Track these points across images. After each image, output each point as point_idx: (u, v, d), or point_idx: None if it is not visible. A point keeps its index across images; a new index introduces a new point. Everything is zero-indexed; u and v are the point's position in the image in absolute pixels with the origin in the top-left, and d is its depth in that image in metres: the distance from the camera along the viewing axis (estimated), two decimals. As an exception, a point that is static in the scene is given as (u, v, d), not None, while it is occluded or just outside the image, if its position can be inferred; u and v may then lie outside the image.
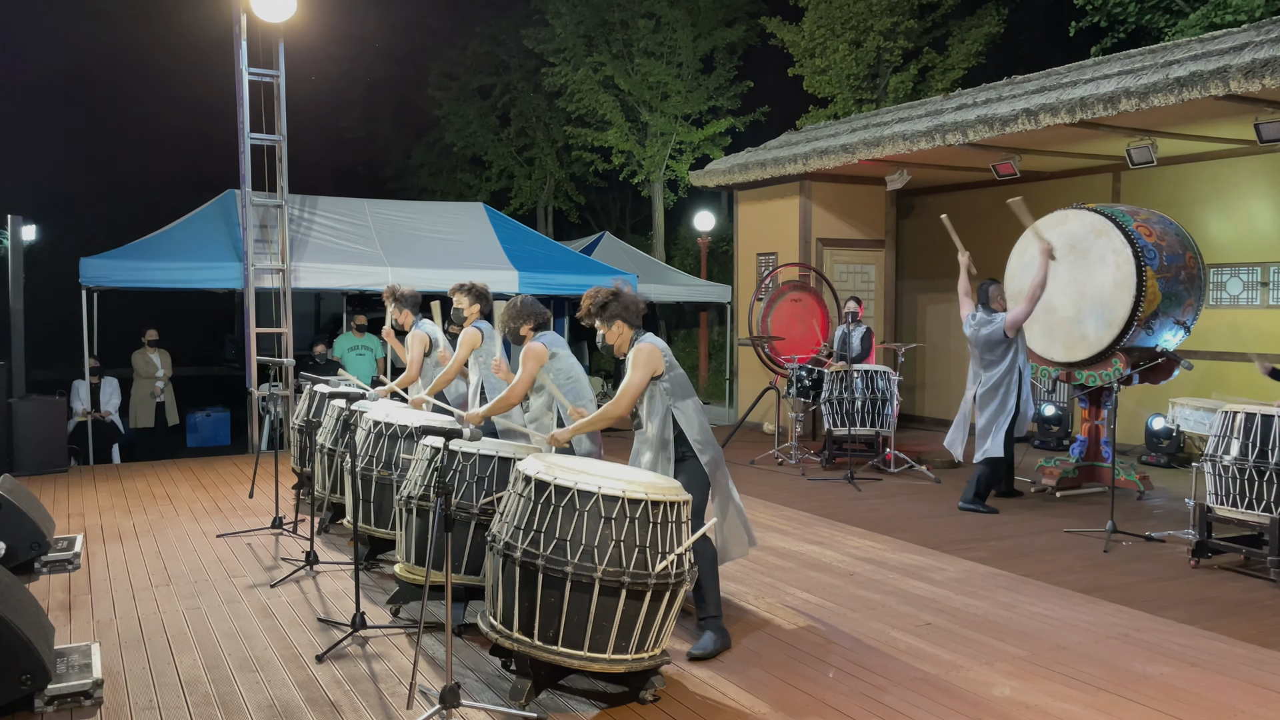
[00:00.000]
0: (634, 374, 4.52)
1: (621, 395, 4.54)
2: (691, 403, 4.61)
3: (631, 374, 4.52)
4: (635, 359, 4.54)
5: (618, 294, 4.65)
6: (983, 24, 15.36)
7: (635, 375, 4.52)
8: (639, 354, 4.54)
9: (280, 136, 10.80)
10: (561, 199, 24.10)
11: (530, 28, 20.76)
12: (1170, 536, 6.61)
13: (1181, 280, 7.77)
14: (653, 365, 4.53)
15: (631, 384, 4.52)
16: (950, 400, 12.54)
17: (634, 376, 4.52)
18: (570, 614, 3.77)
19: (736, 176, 11.72)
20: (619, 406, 4.56)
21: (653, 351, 4.54)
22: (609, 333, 4.65)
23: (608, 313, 4.62)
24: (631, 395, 4.53)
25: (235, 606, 5.17)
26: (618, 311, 4.61)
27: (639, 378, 4.52)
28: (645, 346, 4.55)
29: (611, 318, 4.62)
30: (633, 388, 4.53)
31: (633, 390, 4.53)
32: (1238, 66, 6.66)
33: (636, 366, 4.52)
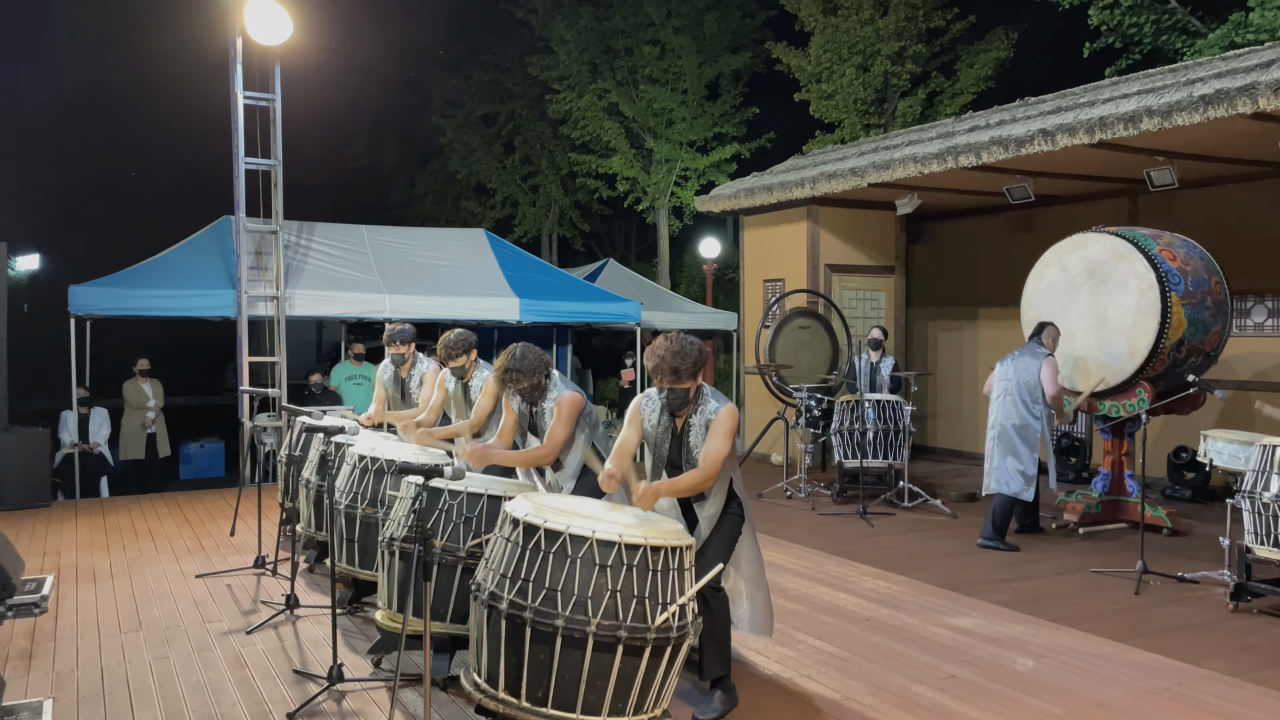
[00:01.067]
0: (725, 442, 4.01)
1: (711, 465, 4.00)
2: (737, 462, 4.28)
3: (723, 442, 4.01)
4: (722, 424, 4.02)
5: (703, 350, 4.07)
6: (992, 49, 15.13)
7: (725, 444, 4.01)
8: (730, 418, 4.04)
9: (276, 161, 10.55)
10: (566, 226, 23.89)
11: (535, 55, 20.64)
12: (1204, 578, 6.24)
13: (1208, 306, 7.44)
14: (733, 428, 4.08)
15: (722, 453, 4.02)
16: (963, 430, 12.18)
17: (725, 446, 4.01)
18: (561, 672, 3.42)
19: (743, 201, 11.44)
20: (707, 476, 4.01)
21: (734, 413, 4.09)
22: (693, 386, 4.07)
23: (693, 368, 4.01)
24: (719, 464, 4.01)
25: (207, 656, 4.82)
26: (702, 363, 4.04)
27: (727, 447, 4.03)
28: (730, 408, 4.07)
29: (697, 370, 4.03)
30: (722, 456, 4.02)
31: (720, 459, 4.01)
32: (1267, 83, 6.36)
33: (726, 434, 4.02)
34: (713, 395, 4.12)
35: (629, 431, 4.21)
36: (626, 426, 4.23)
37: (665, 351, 4.01)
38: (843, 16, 15.06)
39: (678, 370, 3.98)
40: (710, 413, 4.06)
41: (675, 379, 4.00)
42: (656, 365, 4.02)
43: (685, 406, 4.10)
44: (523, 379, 4.67)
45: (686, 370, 3.99)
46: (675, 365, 3.97)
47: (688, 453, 4.09)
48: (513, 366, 4.66)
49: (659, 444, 4.18)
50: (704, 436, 4.05)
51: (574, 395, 4.75)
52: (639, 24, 18.86)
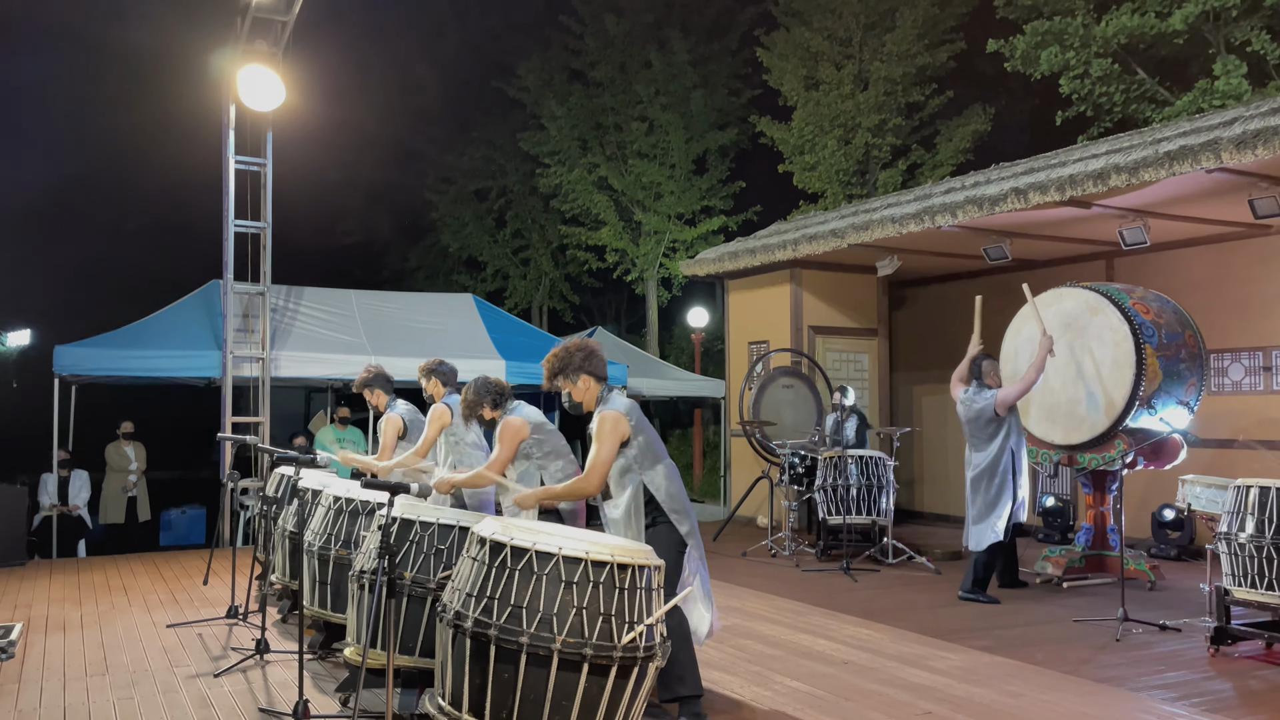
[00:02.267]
0: (601, 447, 4.15)
1: (591, 472, 4.18)
2: (663, 468, 4.28)
3: (599, 447, 4.16)
4: (600, 429, 4.19)
5: (579, 345, 4.34)
6: (969, 122, 15.54)
7: (604, 449, 4.15)
8: (604, 423, 4.19)
9: (265, 224, 10.70)
10: (556, 299, 24.13)
11: (526, 131, 21.10)
12: (1186, 625, 6.18)
13: (1183, 359, 7.52)
14: (620, 433, 4.19)
15: (600, 459, 4.15)
16: (950, 494, 12.14)
17: (602, 450, 4.15)
18: (525, 691, 3.37)
19: (727, 264, 11.60)
20: (589, 484, 4.19)
21: (618, 419, 4.19)
22: (575, 389, 4.32)
23: (572, 366, 4.29)
24: (601, 471, 4.17)
25: (172, 697, 4.74)
26: (580, 363, 4.28)
27: (607, 451, 4.15)
28: (609, 414, 4.19)
29: (576, 371, 4.28)
30: (602, 463, 4.16)
31: (602, 465, 4.16)
32: (1229, 138, 6.55)
33: (603, 438, 4.17)
34: (608, 402, 4.25)
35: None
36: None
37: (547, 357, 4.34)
38: (824, 91, 15.49)
39: (550, 374, 4.29)
40: (598, 419, 4.19)
41: (550, 382, 4.30)
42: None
43: (580, 409, 4.32)
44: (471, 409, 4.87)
45: (559, 370, 4.26)
46: (549, 368, 4.30)
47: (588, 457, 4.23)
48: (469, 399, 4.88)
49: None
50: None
51: (515, 420, 4.87)
52: (628, 101, 19.35)
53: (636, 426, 4.25)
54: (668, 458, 4.37)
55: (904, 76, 15.26)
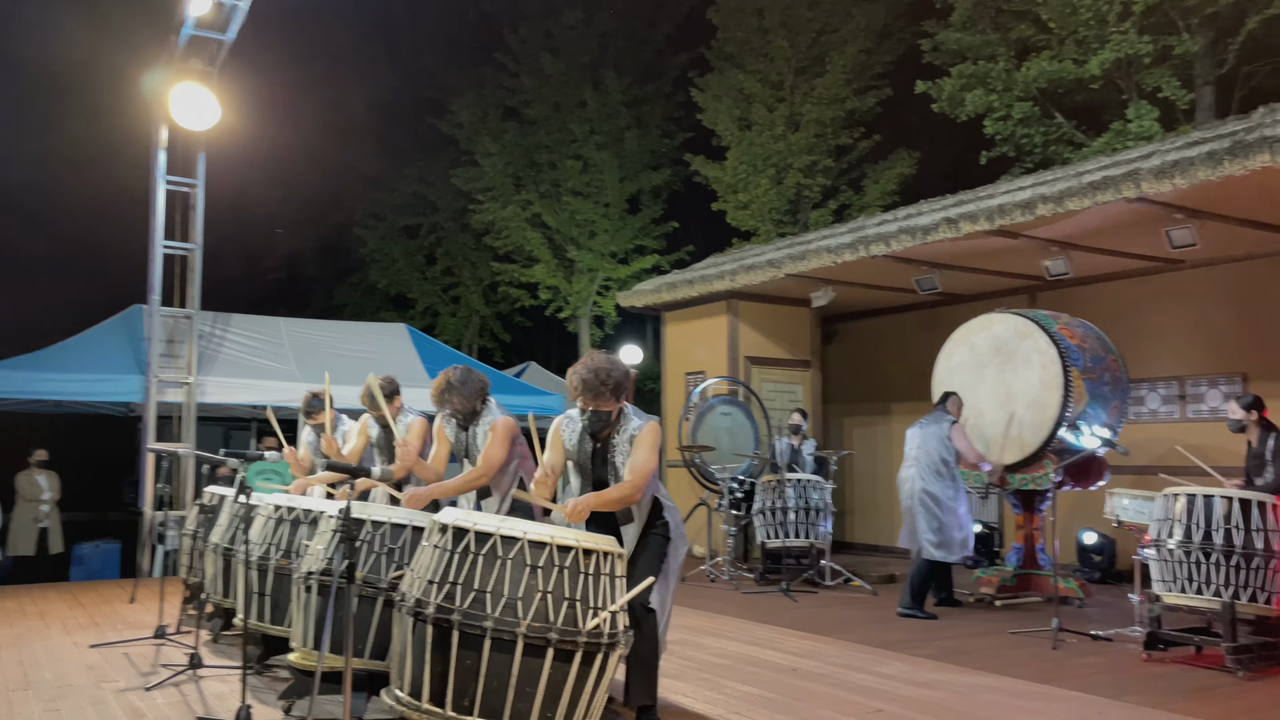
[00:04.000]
0: (650, 456, 4.01)
1: (638, 477, 3.98)
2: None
3: (648, 456, 4.00)
4: (646, 439, 4.03)
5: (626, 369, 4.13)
6: (895, 165, 16.06)
7: (651, 458, 4.01)
8: (653, 433, 4.04)
9: (195, 245, 10.47)
10: (487, 337, 23.98)
11: (459, 168, 21.09)
12: (1117, 635, 6.36)
13: (1106, 382, 7.82)
14: (659, 444, 4.10)
15: (648, 466, 4.00)
16: (879, 525, 12.32)
17: (651, 460, 4.01)
18: (489, 678, 3.32)
19: (664, 295, 11.71)
20: (635, 488, 3.98)
21: (659, 430, 4.10)
22: (610, 406, 4.05)
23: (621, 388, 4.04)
24: (647, 477, 3.99)
25: (102, 709, 4.53)
26: (624, 384, 4.07)
27: (653, 461, 4.02)
28: (655, 425, 4.09)
29: (623, 389, 4.06)
30: (649, 470, 4.00)
31: (648, 472, 3.99)
32: (1148, 169, 6.90)
33: (651, 448, 4.02)
34: (635, 414, 4.14)
35: (552, 455, 4.19)
36: (549, 450, 4.21)
37: (585, 371, 4.01)
38: (757, 131, 15.87)
39: (598, 392, 3.98)
40: (634, 429, 4.07)
41: (596, 400, 4.00)
42: (577, 385, 4.03)
43: (607, 428, 4.10)
44: (460, 400, 4.65)
45: (607, 391, 3.98)
46: (595, 386, 3.97)
47: (614, 470, 4.08)
48: (454, 384, 4.65)
49: (583, 464, 4.17)
50: (628, 454, 4.05)
51: (509, 419, 4.74)
52: (562, 139, 19.52)
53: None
54: None
55: (833, 120, 15.73)
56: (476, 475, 4.62)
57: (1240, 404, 5.94)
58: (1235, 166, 6.40)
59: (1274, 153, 6.22)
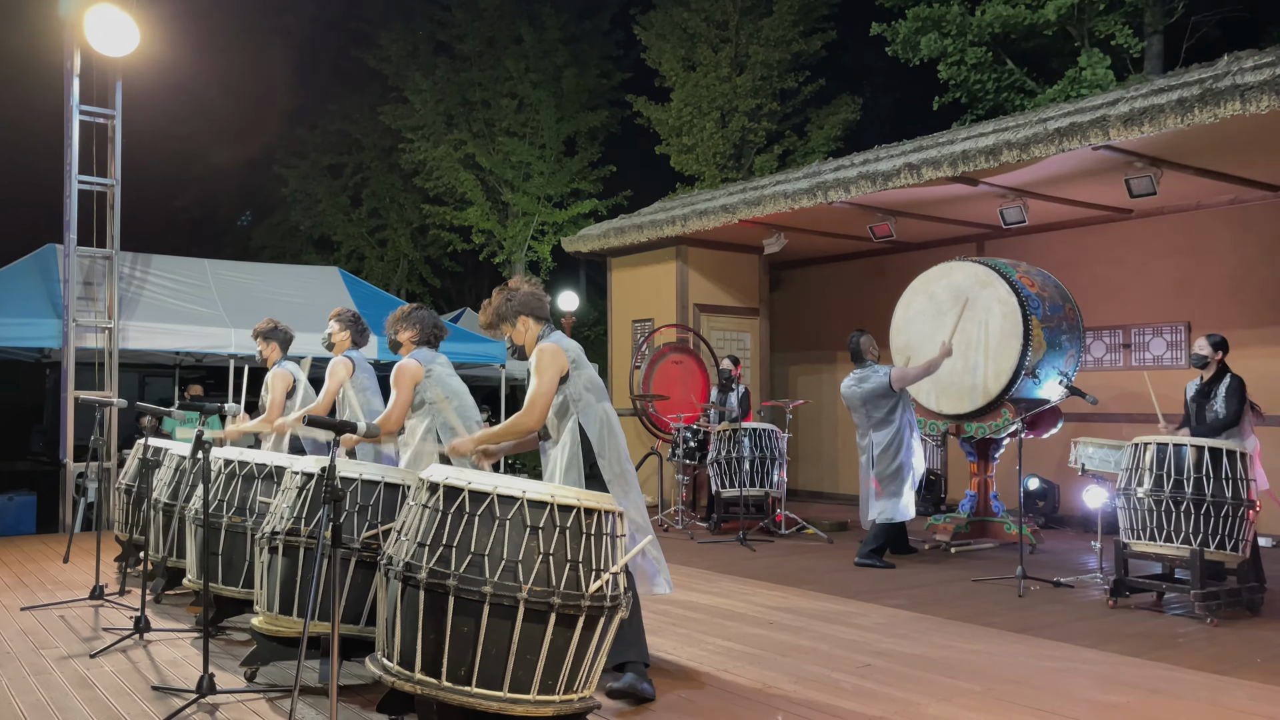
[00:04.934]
0: (540, 378, 3.98)
1: (531, 404, 3.97)
2: (602, 409, 4.08)
3: (538, 379, 3.98)
4: (539, 361, 4.01)
5: (514, 287, 4.20)
6: (839, 111, 15.91)
7: (543, 380, 3.98)
8: (542, 355, 4.02)
9: (113, 181, 9.82)
10: (415, 282, 23.35)
11: (387, 105, 20.29)
12: (1079, 581, 6.43)
13: (1064, 330, 7.85)
14: (559, 365, 4.00)
15: (540, 390, 3.97)
16: (823, 472, 12.39)
17: (541, 381, 3.98)
18: (488, 646, 3.11)
19: (612, 241, 11.43)
20: (530, 416, 3.98)
21: (556, 351, 4.01)
22: (514, 332, 4.17)
23: (511, 307, 4.14)
24: (543, 403, 3.97)
25: (45, 678, 4.19)
26: (519, 305, 4.14)
27: (547, 381, 3.98)
28: (548, 346, 4.04)
29: (515, 313, 4.14)
30: (542, 394, 3.97)
31: (543, 396, 3.97)
32: (1116, 116, 6.84)
33: (541, 370, 3.99)
34: (544, 338, 4.13)
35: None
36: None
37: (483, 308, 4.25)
38: (702, 73, 15.54)
39: (491, 320, 4.21)
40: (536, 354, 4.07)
41: (491, 329, 4.23)
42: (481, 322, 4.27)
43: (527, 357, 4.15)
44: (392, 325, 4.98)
45: (499, 315, 4.17)
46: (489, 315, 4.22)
47: None
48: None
49: None
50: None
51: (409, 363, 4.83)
52: (497, 77, 18.89)
53: (576, 361, 4.06)
54: (609, 403, 4.16)
55: (779, 62, 15.47)
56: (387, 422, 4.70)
57: (1209, 341, 6.01)
58: (1206, 115, 6.37)
59: (1245, 101, 6.20)
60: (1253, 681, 4.18)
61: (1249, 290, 8.76)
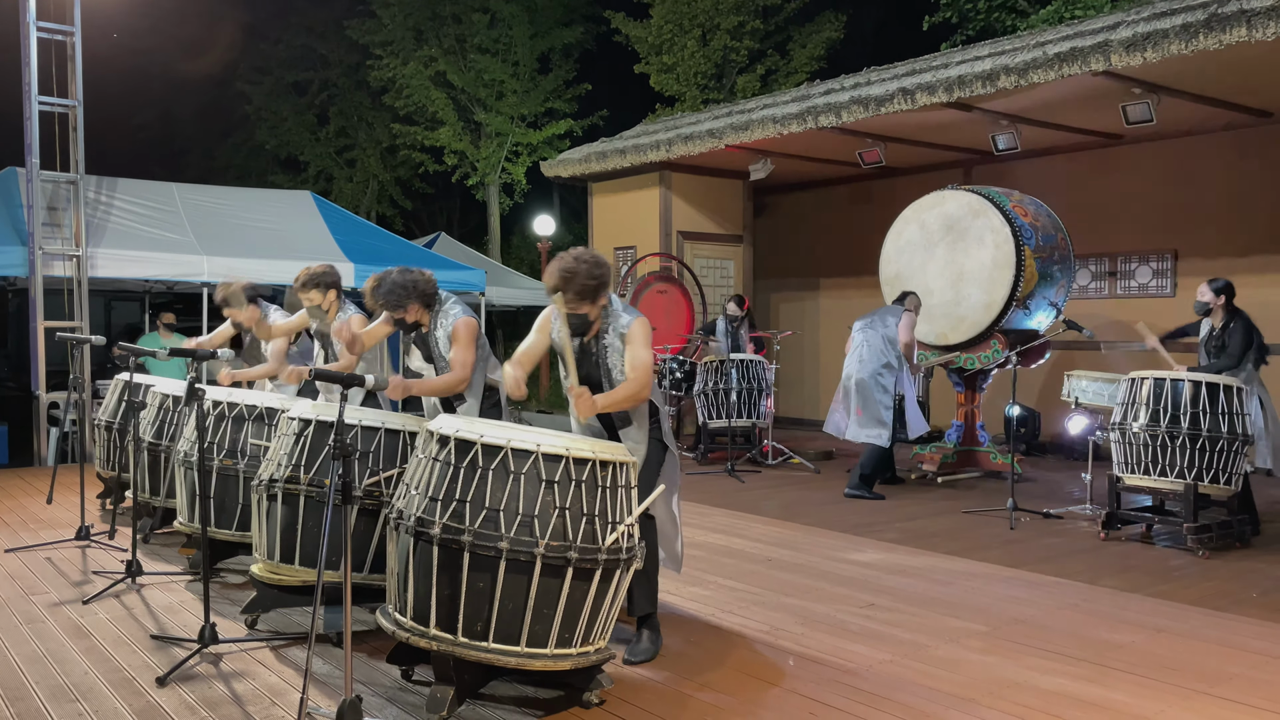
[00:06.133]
0: (649, 352, 3.74)
1: (642, 373, 3.70)
2: None
3: (645, 351, 3.72)
4: (638, 335, 3.73)
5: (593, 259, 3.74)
6: (822, 30, 15.55)
7: (649, 354, 3.75)
8: (644, 328, 3.77)
9: (75, 102, 9.42)
10: (386, 204, 22.86)
11: (354, 19, 19.57)
12: (1068, 513, 6.50)
13: (1056, 261, 7.80)
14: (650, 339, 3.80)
15: (649, 362, 3.73)
16: (804, 399, 12.40)
17: (650, 355, 3.74)
18: (504, 601, 3.05)
19: (594, 165, 11.17)
20: (641, 384, 3.70)
21: (649, 325, 3.82)
22: (593, 309, 3.71)
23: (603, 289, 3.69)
24: (649, 373, 3.73)
25: (39, 627, 4.11)
26: (607, 285, 3.73)
27: (651, 356, 3.76)
28: (645, 320, 3.81)
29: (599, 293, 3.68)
30: (649, 366, 3.73)
31: (649, 368, 3.73)
32: (1119, 40, 6.68)
33: (645, 343, 3.74)
34: (624, 310, 3.83)
35: (536, 338, 3.91)
36: (534, 333, 3.92)
37: (553, 270, 3.67)
38: (684, -13, 15.10)
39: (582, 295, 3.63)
40: (623, 327, 3.77)
41: (578, 305, 3.66)
42: (558, 285, 3.63)
43: (590, 327, 3.78)
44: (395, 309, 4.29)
45: (586, 294, 3.62)
46: (571, 288, 3.61)
47: (605, 371, 3.79)
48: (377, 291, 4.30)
49: (576, 363, 3.84)
50: (621, 354, 3.75)
51: (469, 319, 4.36)
52: (468, -10, 18.26)
53: None
54: None
55: (763, -24, 15.07)
56: (455, 379, 4.26)
57: (1211, 287, 5.92)
58: (1210, 41, 6.24)
59: (1251, 27, 6.06)
60: (1253, 618, 4.24)
61: (1239, 218, 8.73)
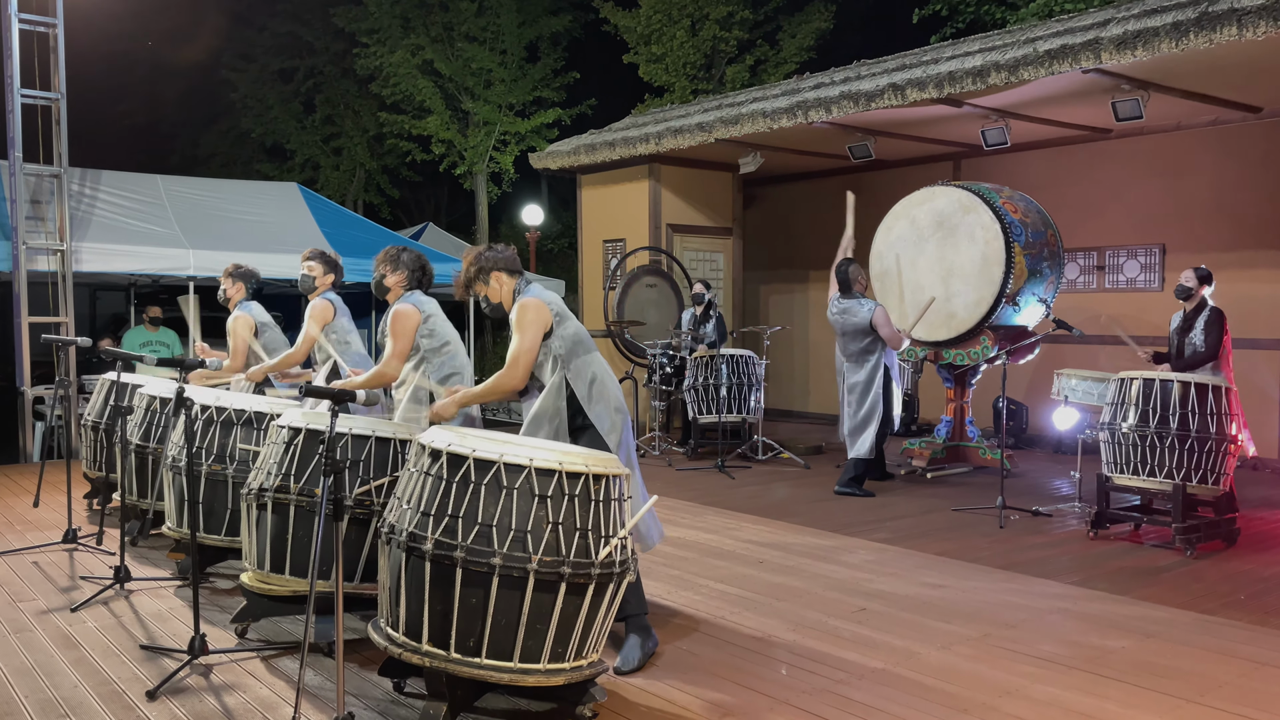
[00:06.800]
0: (524, 335, 3.85)
1: (514, 362, 3.85)
2: (589, 361, 3.95)
3: (521, 336, 3.85)
4: (521, 317, 3.86)
5: (486, 246, 4.07)
6: (811, 19, 15.50)
7: (525, 336, 3.85)
8: (524, 311, 3.86)
9: (58, 95, 9.32)
10: (373, 192, 22.75)
11: (341, 6, 19.41)
12: (1056, 511, 6.53)
13: (1045, 257, 7.81)
14: (542, 321, 3.86)
15: (524, 347, 3.84)
16: (794, 391, 12.42)
17: (524, 338, 3.85)
18: (497, 617, 3.04)
19: (582, 158, 11.11)
20: (513, 375, 3.86)
21: (539, 306, 3.86)
22: (489, 290, 4.00)
23: (482, 265, 3.98)
24: (526, 361, 3.85)
25: (26, 637, 4.08)
26: (492, 261, 3.98)
27: (530, 338, 3.85)
28: (530, 301, 3.87)
29: (487, 271, 3.98)
30: (525, 352, 3.85)
31: (526, 355, 3.85)
32: (1109, 38, 6.67)
33: (524, 326, 3.85)
34: (529, 291, 3.97)
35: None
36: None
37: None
38: (673, -23, 15.03)
39: (465, 280, 4.02)
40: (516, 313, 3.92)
41: (465, 290, 4.05)
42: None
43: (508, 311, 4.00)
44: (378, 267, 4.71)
45: (473, 275, 3.99)
46: (463, 277, 4.03)
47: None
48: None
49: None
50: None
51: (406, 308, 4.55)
52: (455, -22, 18.13)
53: (560, 315, 3.92)
54: (597, 354, 4.03)
55: (751, -34, 15.01)
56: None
57: (1196, 274, 5.98)
58: (1201, 40, 6.22)
59: (1242, 27, 6.06)
60: (1240, 622, 4.27)
61: (1226, 212, 8.75)
